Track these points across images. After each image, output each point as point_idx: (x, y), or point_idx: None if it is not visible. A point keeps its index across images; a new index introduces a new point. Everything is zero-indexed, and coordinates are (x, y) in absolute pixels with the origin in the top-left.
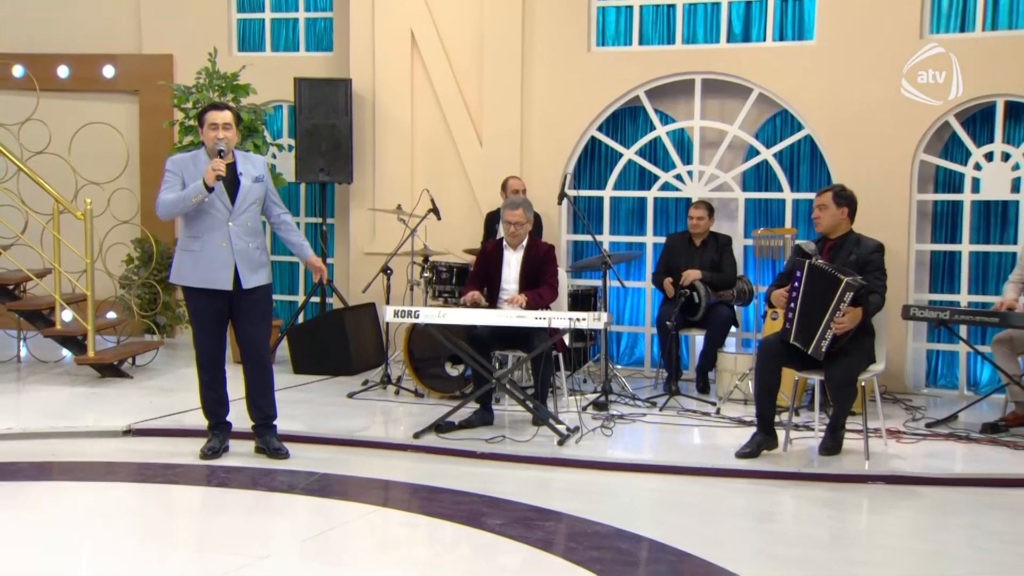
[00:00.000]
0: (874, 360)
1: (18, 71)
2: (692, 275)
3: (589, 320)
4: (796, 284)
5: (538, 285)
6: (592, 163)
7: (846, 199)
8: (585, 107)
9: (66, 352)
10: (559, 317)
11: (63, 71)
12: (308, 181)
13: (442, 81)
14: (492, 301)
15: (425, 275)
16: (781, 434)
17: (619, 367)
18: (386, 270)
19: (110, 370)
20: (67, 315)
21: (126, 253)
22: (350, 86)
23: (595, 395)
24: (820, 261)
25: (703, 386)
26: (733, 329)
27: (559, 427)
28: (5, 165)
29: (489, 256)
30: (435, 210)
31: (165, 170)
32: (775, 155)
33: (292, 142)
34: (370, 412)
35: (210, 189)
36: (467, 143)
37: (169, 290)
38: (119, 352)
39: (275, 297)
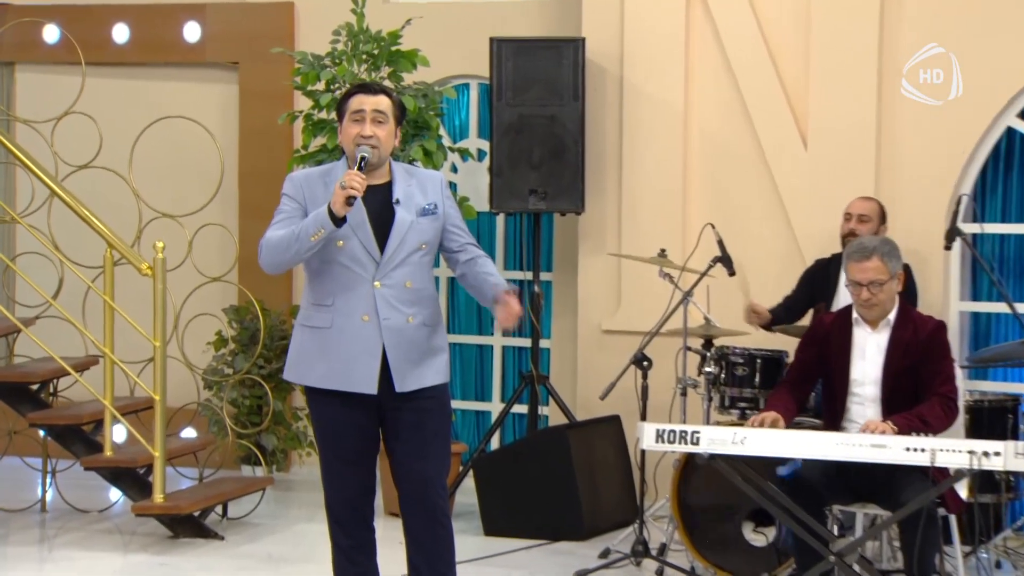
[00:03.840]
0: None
1: (52, 34)
2: None
3: (1006, 456)
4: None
5: (917, 398)
6: (1008, 175)
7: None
8: (1005, 74)
9: (118, 495)
10: (949, 448)
11: (120, 32)
12: (511, 211)
13: (742, 44)
14: (831, 422)
15: (708, 370)
16: None
17: None
18: (640, 361)
19: (188, 526)
20: (120, 433)
21: (216, 331)
22: (582, 51)
23: None
24: None
25: None
26: None
27: None
28: (30, 187)
29: (824, 339)
30: (725, 259)
31: (281, 194)
32: None
33: (485, 145)
34: None
35: (340, 221)
36: (782, 145)
37: (283, 392)
38: (202, 496)
39: (455, 404)
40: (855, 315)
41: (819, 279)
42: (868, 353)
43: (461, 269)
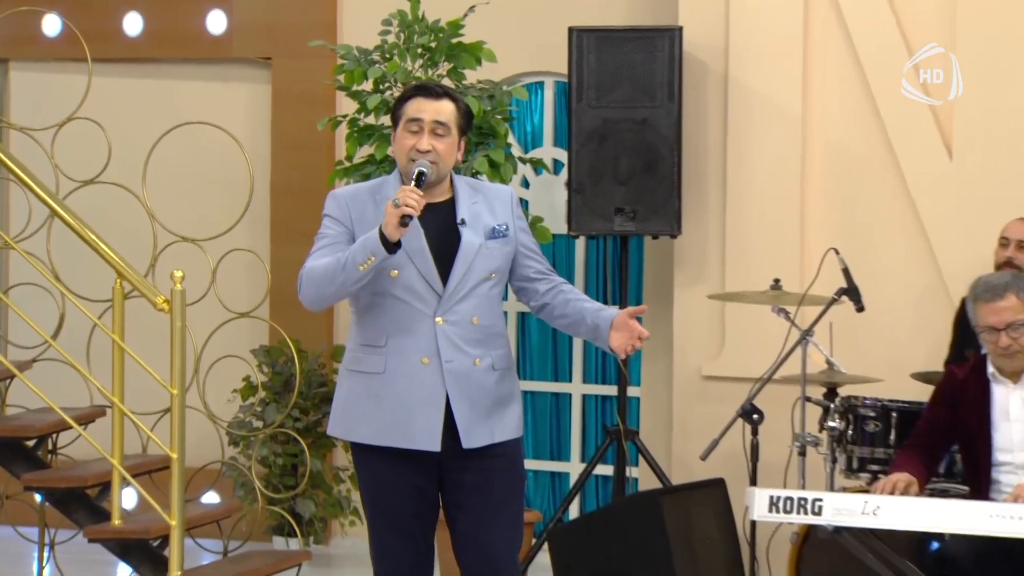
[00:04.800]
0: None
1: (53, 26)
2: None
3: None
4: None
5: None
6: None
7: None
8: None
9: (127, 571)
10: None
11: (133, 23)
12: (593, 234)
13: (873, 36)
14: (979, 489)
15: (832, 425)
16: None
17: None
18: (749, 413)
19: None
20: (130, 498)
21: (244, 376)
22: (678, 43)
23: None
24: None
25: None
26: None
27: None
28: (26, 206)
29: (956, 397)
30: (852, 291)
31: (323, 215)
32: None
33: (562, 156)
34: None
35: (394, 246)
36: (922, 155)
37: (322, 450)
38: (228, 574)
39: (528, 464)
40: (991, 368)
41: (966, 320)
42: (1013, 413)
43: (542, 300)
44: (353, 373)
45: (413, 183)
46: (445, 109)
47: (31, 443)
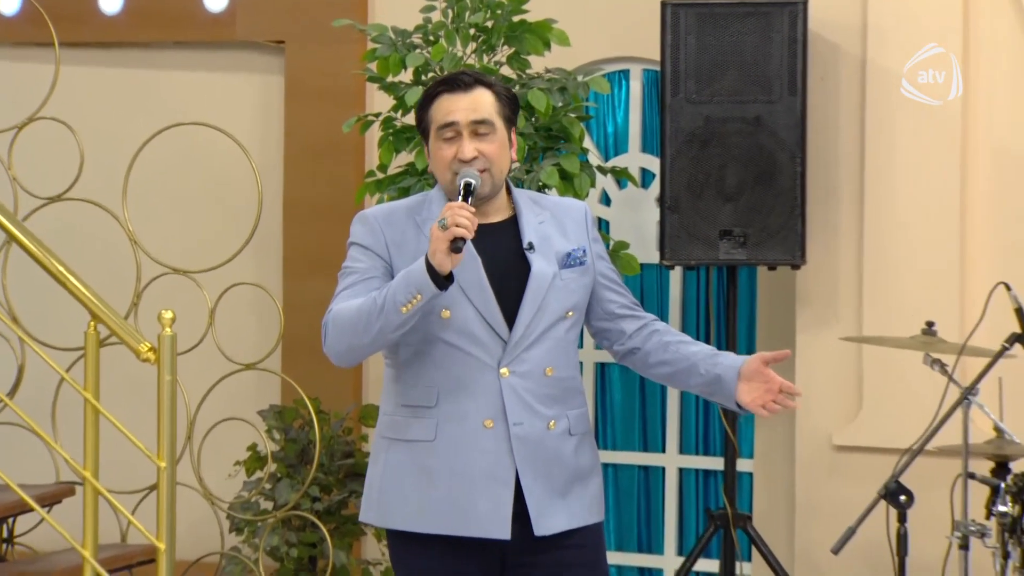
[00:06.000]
0: None
1: (10, 2)
2: None
3: None
4: None
5: None
6: None
7: None
8: None
9: None
10: None
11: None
12: (692, 263)
13: None
14: None
15: (1003, 510)
16: None
17: None
18: (895, 495)
19: None
20: None
21: (249, 445)
22: (802, 21)
23: None
24: None
25: None
26: None
27: None
28: None
29: None
30: None
31: (349, 243)
32: None
33: (653, 164)
34: None
35: (446, 280)
36: None
37: (347, 537)
38: None
39: (611, 557)
40: None
41: None
42: None
43: (630, 344)
44: (393, 442)
45: (460, 198)
46: (482, 101)
47: None
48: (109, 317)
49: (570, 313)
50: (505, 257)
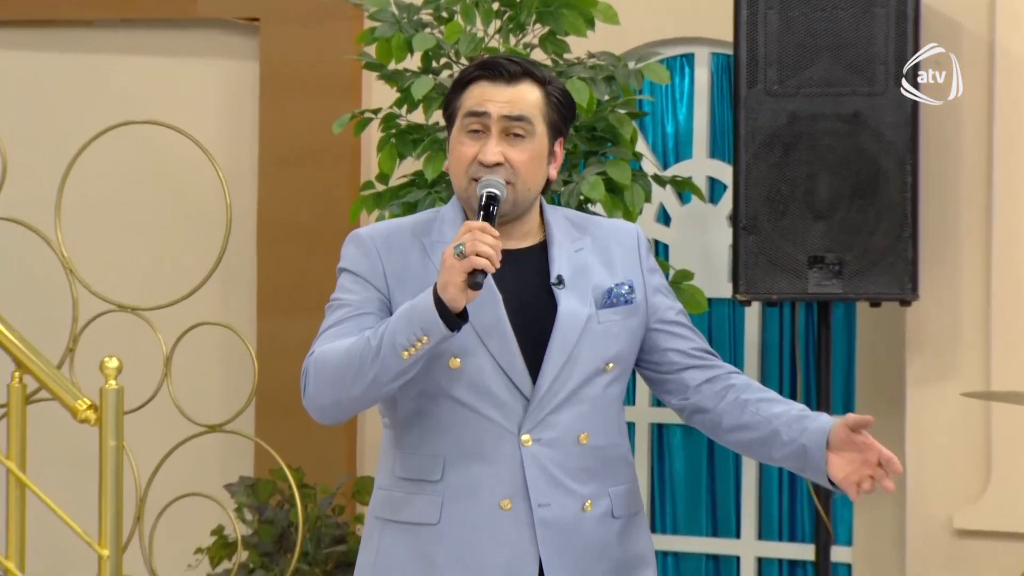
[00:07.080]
0: None
1: None
2: None
3: None
4: None
5: None
6: None
7: None
8: None
9: None
10: None
11: None
12: (775, 297)
13: None
14: None
15: None
16: None
17: None
18: None
19: None
20: None
21: (214, 528)
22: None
23: None
24: None
25: None
26: None
27: None
28: None
29: None
30: None
31: (339, 268)
32: None
33: (725, 173)
34: None
35: (458, 320)
36: None
37: None
38: None
39: None
40: None
41: None
42: None
43: (697, 401)
44: (388, 523)
45: (481, 216)
46: (525, 97)
47: None
48: (38, 366)
49: (610, 365)
50: (531, 293)
